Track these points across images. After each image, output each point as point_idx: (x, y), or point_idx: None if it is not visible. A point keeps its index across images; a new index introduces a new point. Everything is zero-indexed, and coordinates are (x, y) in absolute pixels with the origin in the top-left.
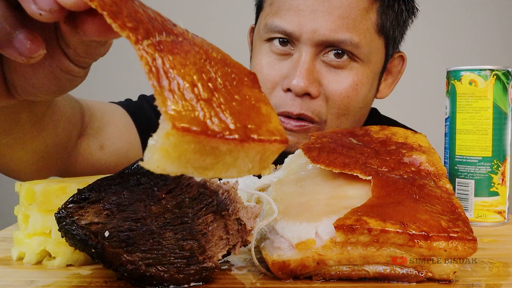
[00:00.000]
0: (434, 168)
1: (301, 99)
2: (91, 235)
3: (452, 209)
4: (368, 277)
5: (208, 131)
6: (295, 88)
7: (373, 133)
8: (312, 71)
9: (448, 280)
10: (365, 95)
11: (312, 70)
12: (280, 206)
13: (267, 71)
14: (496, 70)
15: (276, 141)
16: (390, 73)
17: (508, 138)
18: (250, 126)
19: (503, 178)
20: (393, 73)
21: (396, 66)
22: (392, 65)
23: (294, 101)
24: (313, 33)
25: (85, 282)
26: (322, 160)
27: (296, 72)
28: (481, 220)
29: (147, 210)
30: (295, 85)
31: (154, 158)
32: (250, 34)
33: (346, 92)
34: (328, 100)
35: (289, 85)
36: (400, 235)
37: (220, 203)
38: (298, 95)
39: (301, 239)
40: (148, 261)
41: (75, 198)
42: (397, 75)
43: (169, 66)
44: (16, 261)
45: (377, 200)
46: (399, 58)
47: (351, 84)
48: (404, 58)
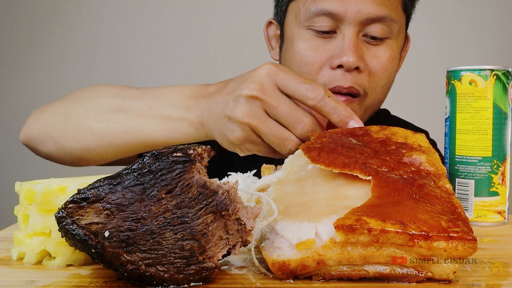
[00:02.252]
0: (434, 168)
1: (350, 74)
2: (91, 235)
3: (452, 209)
4: (368, 277)
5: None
6: (348, 64)
7: (373, 133)
8: (358, 47)
9: (448, 280)
10: (396, 69)
11: (358, 47)
12: (280, 206)
13: (312, 54)
14: (496, 70)
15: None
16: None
17: (508, 138)
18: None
19: (503, 178)
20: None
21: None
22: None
23: (345, 76)
24: (357, 13)
25: (85, 282)
26: (322, 160)
27: (346, 50)
28: (481, 220)
29: (147, 210)
30: (347, 61)
31: None
32: (266, 29)
33: (386, 65)
34: (371, 74)
35: (340, 61)
36: (400, 235)
37: (220, 203)
38: (349, 71)
39: (301, 239)
40: (148, 261)
41: (75, 198)
42: (403, 54)
43: None
44: (16, 261)
45: (377, 200)
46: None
47: (389, 59)
48: (409, 39)
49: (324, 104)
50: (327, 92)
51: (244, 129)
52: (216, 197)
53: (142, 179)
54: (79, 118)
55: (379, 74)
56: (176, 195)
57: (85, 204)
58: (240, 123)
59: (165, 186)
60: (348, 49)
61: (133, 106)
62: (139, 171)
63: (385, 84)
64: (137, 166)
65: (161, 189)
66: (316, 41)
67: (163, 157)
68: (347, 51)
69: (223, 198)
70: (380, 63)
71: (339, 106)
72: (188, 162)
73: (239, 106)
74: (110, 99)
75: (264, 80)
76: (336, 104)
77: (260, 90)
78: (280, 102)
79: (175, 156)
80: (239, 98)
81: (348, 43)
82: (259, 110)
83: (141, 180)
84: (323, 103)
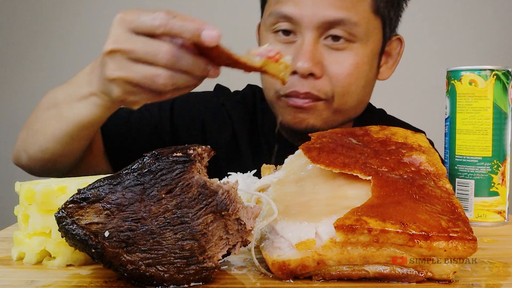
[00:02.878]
0: (434, 168)
1: (306, 80)
2: (91, 235)
3: (452, 209)
4: (368, 277)
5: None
6: (300, 69)
7: (373, 133)
8: (315, 53)
9: (448, 280)
10: (366, 74)
11: (315, 52)
12: (280, 206)
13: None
14: (496, 70)
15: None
16: (390, 56)
17: (508, 138)
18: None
19: (503, 178)
20: (393, 55)
21: (395, 48)
22: (391, 48)
23: (300, 82)
24: (313, 16)
25: (85, 282)
26: (322, 160)
27: (300, 55)
28: (481, 220)
29: (147, 210)
30: (300, 67)
31: None
32: (258, 31)
33: (348, 71)
34: (332, 80)
35: (294, 67)
36: (400, 235)
37: (220, 203)
38: (303, 76)
39: (301, 239)
40: (148, 261)
41: (75, 198)
42: (396, 57)
43: None
44: (16, 261)
45: (377, 200)
46: (397, 40)
47: (352, 63)
48: (402, 41)
49: (171, 27)
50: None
51: (119, 84)
52: (216, 197)
53: (142, 179)
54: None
55: (341, 80)
56: (176, 195)
57: (85, 204)
58: (113, 80)
59: (165, 186)
60: (302, 54)
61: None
62: (139, 171)
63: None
64: (137, 166)
65: (161, 189)
66: (278, 45)
67: (163, 157)
68: (301, 56)
69: (223, 198)
70: (342, 69)
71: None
72: (188, 162)
73: (105, 65)
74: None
75: (116, 30)
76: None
77: (115, 41)
78: (135, 43)
79: (175, 156)
80: (104, 58)
81: (303, 49)
82: (122, 61)
83: (141, 180)
84: (170, 26)
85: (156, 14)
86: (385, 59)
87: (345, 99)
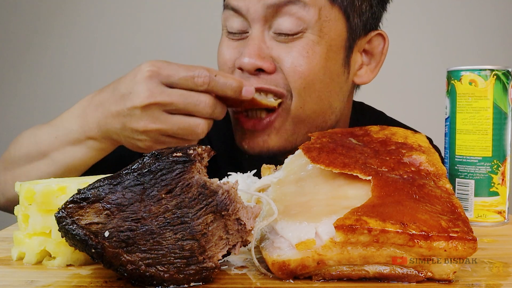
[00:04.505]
0: (434, 168)
1: (256, 77)
2: (91, 235)
3: (452, 209)
4: (368, 277)
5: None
6: (245, 66)
7: (373, 133)
8: (262, 47)
9: (448, 280)
10: (322, 66)
11: (261, 46)
12: (280, 206)
13: (224, 52)
14: (496, 70)
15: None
16: (373, 56)
17: (508, 138)
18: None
19: (503, 178)
20: (375, 55)
21: (377, 47)
22: (373, 46)
23: (249, 79)
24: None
25: (85, 282)
26: (322, 160)
27: (245, 50)
28: (481, 220)
29: (147, 210)
30: (245, 62)
31: None
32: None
33: (297, 60)
34: (284, 72)
35: (239, 63)
36: (400, 235)
37: (220, 203)
38: (251, 73)
39: (301, 239)
40: (148, 261)
41: (75, 198)
42: (380, 56)
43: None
44: (16, 261)
45: (377, 200)
46: (378, 37)
47: (302, 53)
48: (385, 37)
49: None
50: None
51: (151, 136)
52: (216, 197)
53: (142, 179)
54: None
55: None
56: (176, 195)
57: (85, 204)
58: (146, 132)
59: (165, 186)
60: (247, 49)
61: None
62: (139, 171)
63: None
64: (137, 166)
65: (161, 189)
66: (229, 40)
67: (163, 157)
68: (246, 51)
69: (223, 198)
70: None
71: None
72: (188, 162)
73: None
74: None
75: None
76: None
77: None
78: (172, 96)
79: (175, 156)
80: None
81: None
82: (158, 113)
83: (141, 180)
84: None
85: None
86: (367, 60)
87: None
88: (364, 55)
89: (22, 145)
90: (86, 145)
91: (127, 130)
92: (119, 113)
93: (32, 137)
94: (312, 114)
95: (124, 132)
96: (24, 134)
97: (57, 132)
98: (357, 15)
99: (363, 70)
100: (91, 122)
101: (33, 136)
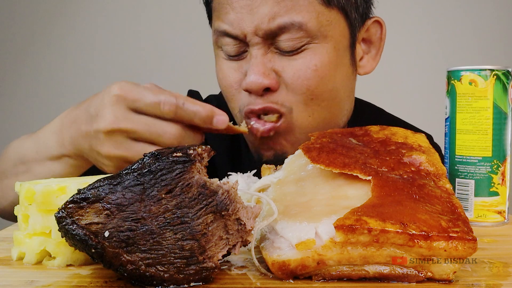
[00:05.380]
0: (434, 168)
1: (262, 97)
2: (91, 235)
3: (452, 209)
4: (368, 277)
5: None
6: (252, 87)
7: (373, 133)
8: (265, 64)
9: (448, 280)
10: (332, 75)
11: (265, 63)
12: (280, 206)
13: (227, 75)
14: (496, 70)
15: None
16: (371, 43)
17: (508, 138)
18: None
19: (503, 178)
20: (374, 42)
21: (374, 34)
22: (370, 34)
23: (256, 99)
24: (254, 32)
25: (85, 282)
26: (322, 160)
27: (250, 71)
28: (481, 220)
29: (147, 210)
30: (250, 83)
31: None
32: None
33: (304, 75)
34: (288, 88)
35: (245, 86)
36: (400, 235)
37: (220, 203)
38: (259, 94)
39: (301, 239)
40: (148, 261)
41: (75, 198)
42: (379, 43)
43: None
44: (16, 261)
45: (377, 200)
46: (375, 24)
47: (309, 66)
48: (381, 23)
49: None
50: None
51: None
52: (216, 197)
53: (142, 179)
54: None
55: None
56: (176, 195)
57: (85, 204)
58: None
59: (165, 186)
60: (250, 70)
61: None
62: (139, 171)
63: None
64: (137, 166)
65: (161, 189)
66: (229, 62)
67: (163, 157)
68: (250, 72)
69: (223, 198)
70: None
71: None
72: (188, 162)
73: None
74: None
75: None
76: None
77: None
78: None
79: (175, 156)
80: (99, 135)
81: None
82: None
83: (141, 180)
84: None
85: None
86: (366, 48)
87: (310, 109)
88: (363, 43)
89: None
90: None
91: (93, 152)
92: (87, 134)
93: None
94: (322, 122)
95: (91, 153)
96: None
97: (38, 147)
98: (354, 10)
99: (365, 60)
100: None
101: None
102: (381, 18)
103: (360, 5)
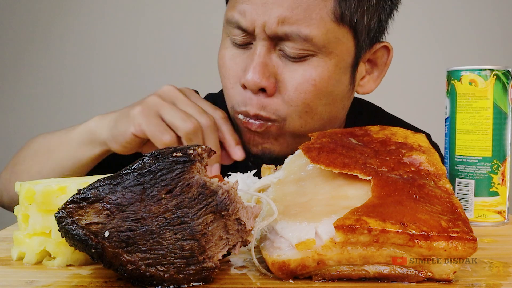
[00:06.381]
0: (434, 168)
1: (257, 97)
2: (91, 235)
3: (452, 209)
4: (368, 277)
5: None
6: (249, 84)
7: (373, 133)
8: (267, 65)
9: (448, 280)
10: (330, 91)
11: (267, 64)
12: (280, 206)
13: (229, 64)
14: (496, 70)
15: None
16: (376, 66)
17: (508, 138)
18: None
19: (503, 178)
20: (379, 65)
21: (380, 57)
22: (376, 57)
23: (251, 100)
24: (263, 27)
25: (85, 282)
26: (322, 160)
27: (250, 67)
28: (481, 220)
29: (147, 210)
30: (249, 80)
31: None
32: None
33: (302, 88)
34: (284, 98)
35: (243, 81)
36: (400, 235)
37: (220, 203)
38: (254, 92)
39: (301, 239)
40: (148, 261)
41: (75, 198)
42: (383, 67)
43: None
44: (16, 261)
45: (377, 200)
46: (383, 49)
47: (308, 79)
48: (390, 49)
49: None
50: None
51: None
52: (216, 197)
53: (142, 179)
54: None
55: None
56: (176, 195)
57: (85, 204)
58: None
59: (165, 186)
60: (252, 66)
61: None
62: (139, 171)
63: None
64: (137, 166)
65: (161, 189)
66: (234, 50)
67: (163, 157)
68: (251, 68)
69: (223, 198)
70: (294, 85)
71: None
72: (188, 162)
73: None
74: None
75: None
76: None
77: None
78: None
79: (175, 156)
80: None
81: (254, 60)
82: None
83: (141, 180)
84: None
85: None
86: (370, 68)
87: (303, 121)
88: (368, 63)
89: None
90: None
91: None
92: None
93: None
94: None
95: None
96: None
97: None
98: (365, 31)
99: (366, 80)
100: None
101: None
102: (390, 44)
103: (372, 29)
